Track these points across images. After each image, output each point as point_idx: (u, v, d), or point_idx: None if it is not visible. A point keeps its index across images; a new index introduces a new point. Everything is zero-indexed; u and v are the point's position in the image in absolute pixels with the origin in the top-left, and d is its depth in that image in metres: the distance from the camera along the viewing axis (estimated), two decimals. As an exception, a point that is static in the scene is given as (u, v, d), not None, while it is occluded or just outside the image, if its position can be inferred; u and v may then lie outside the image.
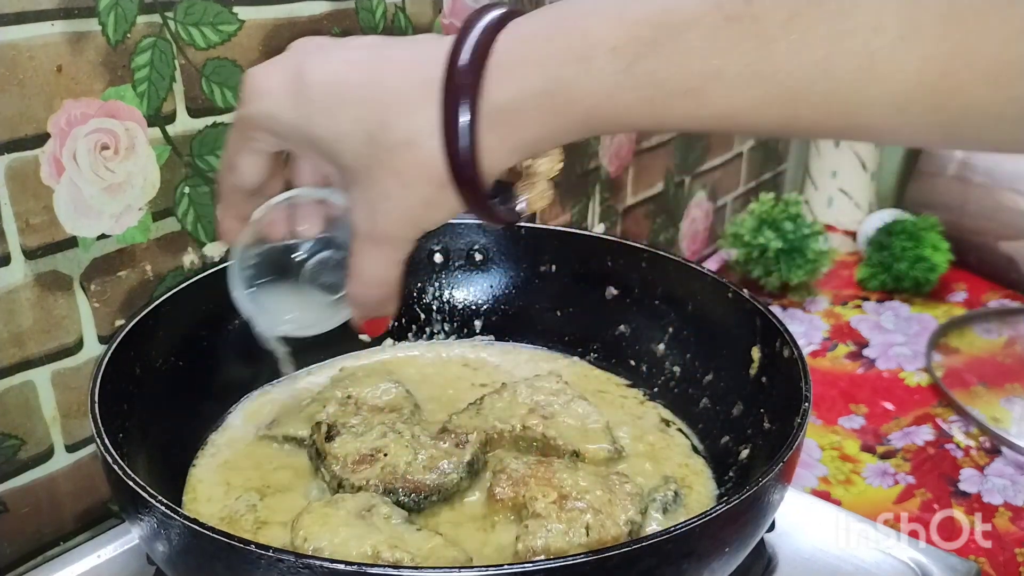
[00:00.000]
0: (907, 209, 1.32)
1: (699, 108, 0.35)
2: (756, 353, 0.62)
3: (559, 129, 0.38)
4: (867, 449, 0.85)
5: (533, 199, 0.43)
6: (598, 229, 1.13)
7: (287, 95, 0.41)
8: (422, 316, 0.77)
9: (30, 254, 0.59)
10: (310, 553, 0.48)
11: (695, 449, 0.65)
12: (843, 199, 1.45)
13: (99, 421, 0.49)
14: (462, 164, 0.38)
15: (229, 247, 0.49)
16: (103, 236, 0.63)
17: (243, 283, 0.49)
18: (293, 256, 0.49)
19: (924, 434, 0.87)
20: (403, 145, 0.39)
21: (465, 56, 0.38)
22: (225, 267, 0.66)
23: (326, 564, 0.39)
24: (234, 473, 0.60)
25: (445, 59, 0.38)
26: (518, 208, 0.43)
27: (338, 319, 0.50)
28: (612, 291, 0.74)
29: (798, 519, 0.64)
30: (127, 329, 0.57)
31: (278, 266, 0.49)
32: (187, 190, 0.68)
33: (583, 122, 0.38)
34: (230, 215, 0.48)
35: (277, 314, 0.51)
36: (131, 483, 0.44)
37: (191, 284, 0.64)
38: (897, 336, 1.08)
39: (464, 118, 0.37)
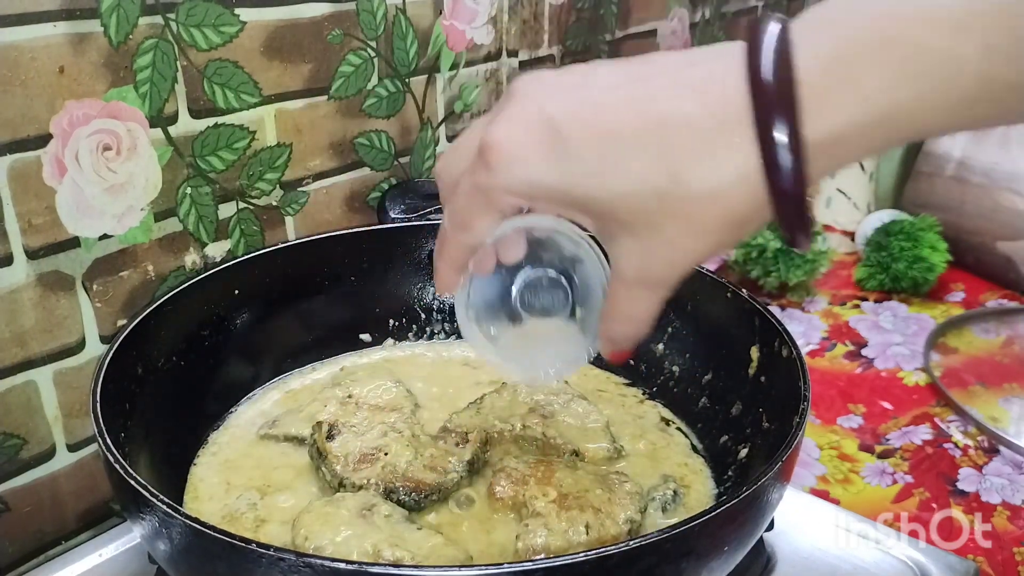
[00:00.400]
0: (905, 209, 1.32)
1: None
2: (755, 353, 0.63)
3: (882, 148, 0.34)
4: (865, 448, 0.85)
5: (810, 199, 0.39)
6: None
7: (547, 157, 0.36)
8: (422, 316, 0.77)
9: (32, 254, 0.59)
10: (311, 552, 0.48)
11: (694, 448, 0.65)
12: (841, 199, 1.45)
13: (101, 420, 0.49)
14: (788, 203, 0.34)
15: (451, 297, 0.46)
16: (105, 236, 0.63)
17: (479, 333, 0.46)
18: (506, 286, 0.47)
19: (922, 433, 0.87)
20: (705, 197, 0.34)
21: (769, 83, 0.32)
22: (226, 267, 0.67)
23: (327, 563, 0.39)
24: (235, 472, 0.60)
25: (741, 90, 0.33)
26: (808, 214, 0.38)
27: (585, 354, 0.47)
28: (612, 291, 0.74)
29: (797, 518, 0.64)
30: (129, 329, 0.58)
31: (494, 300, 0.47)
32: (189, 190, 0.68)
33: (909, 138, 0.34)
34: (452, 268, 0.44)
35: (521, 357, 0.48)
36: (133, 482, 0.45)
37: (192, 284, 0.64)
38: (895, 336, 1.08)
39: (788, 159, 0.33)
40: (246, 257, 0.69)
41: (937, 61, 0.31)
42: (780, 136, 0.32)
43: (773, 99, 0.32)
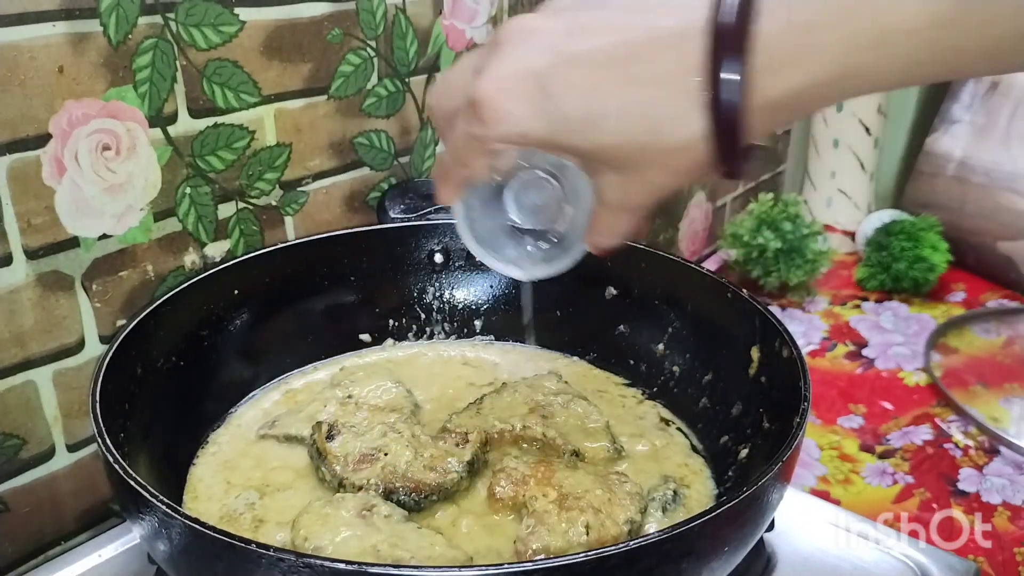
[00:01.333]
0: (906, 209, 1.32)
1: (1003, 66, 0.37)
2: (755, 353, 0.63)
3: (830, 105, 0.38)
4: (866, 449, 0.85)
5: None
6: (598, 229, 1.13)
7: (535, 113, 0.40)
8: (422, 316, 0.77)
9: (32, 254, 0.59)
10: (310, 552, 0.48)
11: (694, 449, 0.65)
12: (842, 199, 1.45)
13: (100, 421, 0.49)
14: (733, 156, 0.39)
15: (450, 207, 0.50)
16: (104, 236, 0.63)
17: (472, 234, 0.52)
18: (498, 188, 0.51)
19: (923, 434, 0.87)
20: (677, 151, 0.39)
21: (729, 55, 0.36)
22: (225, 267, 0.67)
23: (326, 563, 0.39)
24: (234, 472, 0.60)
25: (702, 61, 0.37)
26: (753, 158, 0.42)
27: (573, 257, 0.51)
28: (612, 291, 0.74)
29: (797, 518, 0.64)
30: (128, 329, 0.58)
31: (487, 203, 0.51)
32: (188, 190, 0.68)
33: (859, 94, 0.39)
34: (453, 188, 0.49)
35: (511, 254, 0.53)
36: (132, 482, 0.44)
37: (192, 284, 0.64)
38: (896, 336, 1.08)
39: (733, 124, 0.37)
40: (245, 257, 0.69)
41: (887, 33, 0.35)
42: (732, 115, 0.37)
43: (724, 78, 0.37)
